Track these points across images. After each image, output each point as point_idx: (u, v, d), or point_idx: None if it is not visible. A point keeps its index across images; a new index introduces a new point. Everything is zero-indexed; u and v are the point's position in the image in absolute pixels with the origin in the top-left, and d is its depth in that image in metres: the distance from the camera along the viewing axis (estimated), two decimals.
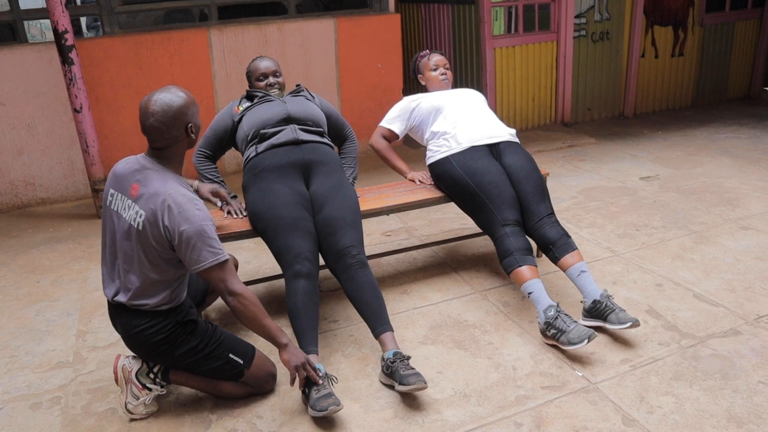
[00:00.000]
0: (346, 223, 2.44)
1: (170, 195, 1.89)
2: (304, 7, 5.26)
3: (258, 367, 2.16)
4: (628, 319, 2.35)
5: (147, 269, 1.95)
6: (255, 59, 2.89)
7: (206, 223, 1.91)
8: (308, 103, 2.78)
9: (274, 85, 2.81)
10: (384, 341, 2.24)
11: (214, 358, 2.09)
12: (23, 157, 4.37)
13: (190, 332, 2.05)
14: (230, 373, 2.12)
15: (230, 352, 2.11)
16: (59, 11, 3.76)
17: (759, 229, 3.44)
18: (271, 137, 2.61)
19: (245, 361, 2.13)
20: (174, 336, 2.03)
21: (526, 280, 2.48)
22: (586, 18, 5.80)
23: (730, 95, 6.88)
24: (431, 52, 3.20)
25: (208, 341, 2.08)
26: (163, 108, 1.91)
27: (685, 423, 1.98)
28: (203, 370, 2.11)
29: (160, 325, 2.01)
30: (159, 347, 2.03)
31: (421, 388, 2.09)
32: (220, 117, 2.82)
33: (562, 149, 5.30)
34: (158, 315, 2.01)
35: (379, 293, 2.34)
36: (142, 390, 2.10)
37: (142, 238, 1.92)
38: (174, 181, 1.95)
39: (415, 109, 3.06)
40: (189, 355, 2.06)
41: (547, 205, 2.72)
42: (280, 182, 2.50)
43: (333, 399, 2.00)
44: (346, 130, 2.99)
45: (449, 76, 3.16)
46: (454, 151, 2.83)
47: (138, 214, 1.92)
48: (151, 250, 1.93)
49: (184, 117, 1.95)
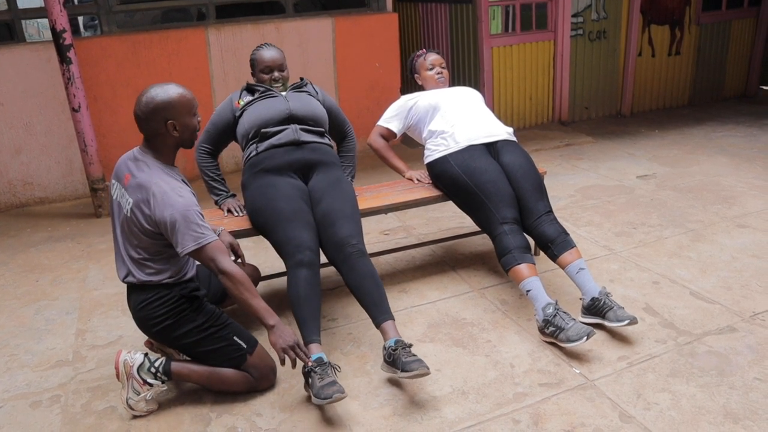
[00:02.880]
0: (344, 214, 2.45)
1: (154, 183, 1.99)
2: (301, 7, 5.27)
3: (260, 357, 2.19)
4: (627, 317, 2.37)
5: (145, 248, 2.07)
6: (261, 47, 2.78)
7: (189, 208, 1.99)
8: (311, 100, 2.74)
9: (278, 80, 2.74)
10: (385, 330, 2.23)
11: (219, 338, 2.13)
12: (21, 157, 4.36)
13: (196, 309, 2.12)
14: (233, 356, 2.15)
15: (235, 335, 2.16)
16: (57, 10, 3.76)
17: (755, 227, 3.46)
18: (271, 137, 2.60)
19: (249, 346, 2.17)
20: (179, 310, 2.09)
21: (525, 278, 2.50)
22: (583, 17, 5.81)
23: (726, 94, 6.90)
24: (427, 52, 3.20)
25: (214, 321, 2.14)
26: (146, 100, 2.01)
27: (681, 419, 2.00)
28: (207, 350, 2.14)
29: (166, 297, 2.08)
30: (164, 321, 2.09)
31: (424, 374, 2.07)
32: (221, 110, 2.77)
33: (559, 148, 5.32)
34: (163, 287, 2.09)
35: (380, 282, 2.35)
36: (143, 385, 2.11)
37: (135, 222, 2.03)
38: (160, 171, 2.04)
39: (412, 107, 3.07)
40: (194, 332, 2.11)
41: (545, 203, 2.73)
42: (278, 178, 2.53)
43: (337, 387, 1.99)
44: (346, 127, 2.97)
45: (446, 75, 3.16)
46: (452, 150, 2.84)
47: (128, 202, 2.05)
48: (144, 231, 2.03)
49: (164, 112, 2.01)
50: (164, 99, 2.01)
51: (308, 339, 2.17)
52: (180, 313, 2.10)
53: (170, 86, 2.04)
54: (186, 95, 2.05)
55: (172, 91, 2.03)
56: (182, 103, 2.03)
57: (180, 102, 2.03)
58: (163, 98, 2.00)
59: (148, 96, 2.01)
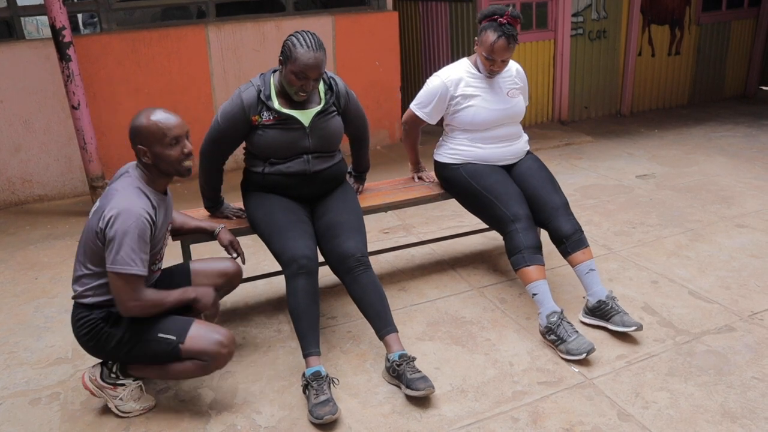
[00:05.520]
0: (350, 226, 2.41)
1: (119, 198, 1.95)
2: (301, 5, 5.27)
3: (197, 339, 2.05)
4: (633, 323, 2.38)
5: (82, 257, 2.04)
6: (302, 43, 2.25)
7: (134, 232, 1.90)
8: (332, 127, 2.46)
9: (308, 91, 2.33)
10: (389, 342, 2.24)
11: (145, 342, 2.04)
12: (20, 154, 4.36)
13: (111, 325, 2.04)
14: (166, 352, 2.05)
15: (159, 332, 2.04)
16: (57, 8, 3.76)
17: (754, 227, 3.47)
18: (281, 163, 2.45)
19: (178, 336, 2.04)
20: (97, 330, 2.03)
21: (533, 280, 2.48)
22: (583, 16, 5.81)
23: (726, 94, 6.91)
24: (501, 33, 2.55)
25: (131, 328, 2.04)
26: (132, 119, 2.02)
27: (679, 418, 2.00)
28: (141, 357, 2.08)
29: (85, 319, 2.04)
30: (87, 343, 2.07)
31: (430, 393, 2.11)
32: (231, 118, 2.39)
33: (559, 147, 5.32)
34: (83, 308, 2.05)
35: (383, 294, 2.33)
36: (117, 389, 2.11)
37: (88, 226, 2.02)
38: (132, 188, 1.99)
39: (455, 100, 2.75)
40: (120, 347, 2.05)
41: (560, 196, 2.68)
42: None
43: (330, 407, 2.02)
44: (365, 132, 2.75)
45: (496, 71, 2.70)
46: (468, 161, 2.78)
47: (94, 206, 2.05)
48: (90, 236, 1.99)
49: (135, 136, 2.00)
50: (136, 123, 1.98)
51: (307, 351, 2.18)
52: (99, 333, 2.04)
53: (154, 112, 1.98)
54: (158, 124, 1.95)
55: (146, 116, 1.97)
56: (151, 131, 1.96)
57: (148, 129, 1.96)
58: (135, 122, 1.98)
59: (135, 116, 2.00)
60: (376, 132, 5.29)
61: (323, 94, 2.47)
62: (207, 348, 2.04)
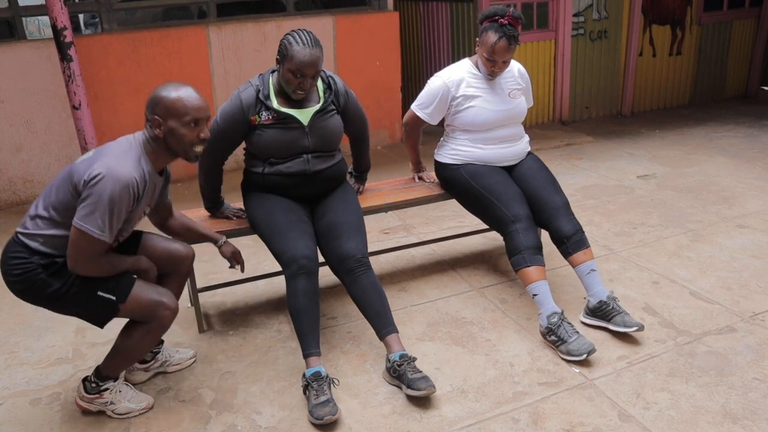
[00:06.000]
0: (350, 227, 2.41)
1: (114, 159, 1.86)
2: (302, 5, 5.27)
3: (137, 299, 1.98)
4: (634, 324, 2.37)
5: (49, 200, 1.94)
6: (298, 41, 2.25)
7: (116, 199, 1.82)
8: (331, 126, 2.47)
9: (306, 89, 2.33)
10: (389, 343, 2.24)
11: (82, 298, 1.97)
12: (22, 154, 4.36)
13: (52, 274, 1.93)
14: (104, 311, 1.99)
15: (99, 290, 1.97)
16: (58, 8, 3.76)
17: (755, 228, 3.46)
18: (281, 164, 2.46)
19: (118, 296, 1.97)
20: (33, 275, 1.92)
21: (533, 281, 2.48)
22: (584, 16, 5.81)
23: (727, 94, 6.90)
24: (502, 34, 2.54)
25: (73, 282, 1.95)
26: (156, 88, 1.96)
27: (681, 419, 2.00)
28: (73, 311, 2.02)
29: (21, 259, 1.92)
30: (15, 284, 1.95)
31: (431, 393, 2.11)
32: (231, 118, 2.40)
33: (559, 147, 5.32)
34: (24, 248, 1.93)
35: (383, 295, 2.33)
36: (103, 395, 2.11)
37: (69, 171, 1.92)
38: (132, 154, 1.91)
39: (456, 100, 2.74)
40: (54, 297, 1.95)
41: (561, 196, 2.68)
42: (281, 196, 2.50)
43: (330, 407, 2.02)
44: (365, 134, 2.76)
45: (498, 72, 2.69)
46: (468, 161, 2.77)
47: (85, 154, 1.97)
48: (66, 182, 1.91)
49: (152, 105, 1.93)
50: (160, 93, 1.92)
51: (307, 352, 2.18)
52: (33, 279, 1.92)
53: (182, 87, 1.94)
54: (183, 100, 1.91)
55: (173, 89, 1.93)
56: (174, 105, 1.90)
57: (171, 102, 1.90)
58: (160, 92, 1.92)
59: (161, 85, 1.95)
60: (376, 132, 5.29)
61: (322, 93, 2.47)
62: (146, 309, 1.99)
